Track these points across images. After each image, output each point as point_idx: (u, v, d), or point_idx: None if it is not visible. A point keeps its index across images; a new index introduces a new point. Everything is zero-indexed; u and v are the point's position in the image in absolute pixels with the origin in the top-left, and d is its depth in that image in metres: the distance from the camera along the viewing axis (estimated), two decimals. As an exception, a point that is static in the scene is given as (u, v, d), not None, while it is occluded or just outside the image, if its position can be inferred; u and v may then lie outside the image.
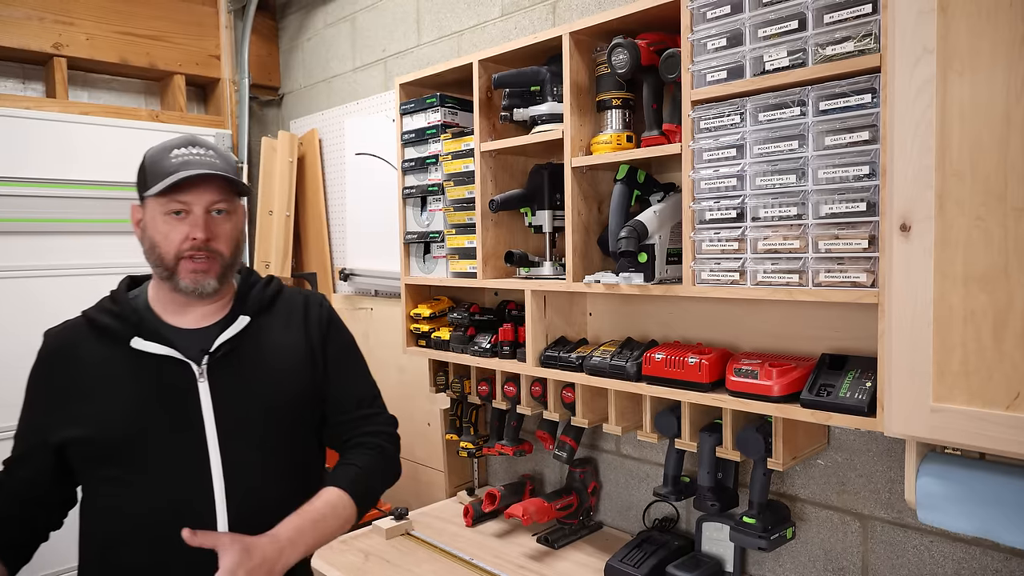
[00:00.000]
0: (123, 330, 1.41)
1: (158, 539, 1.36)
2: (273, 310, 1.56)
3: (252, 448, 1.44)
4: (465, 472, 2.71)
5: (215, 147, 1.44)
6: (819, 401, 1.44)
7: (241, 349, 1.47)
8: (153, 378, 1.40)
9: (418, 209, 2.39)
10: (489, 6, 2.56)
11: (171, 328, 1.46)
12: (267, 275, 1.62)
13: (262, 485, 1.44)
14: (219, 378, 1.43)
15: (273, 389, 1.49)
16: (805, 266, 1.42)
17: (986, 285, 1.07)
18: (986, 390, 1.08)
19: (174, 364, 1.41)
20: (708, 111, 1.54)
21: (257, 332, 1.50)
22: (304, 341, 1.57)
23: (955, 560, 1.57)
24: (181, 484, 1.38)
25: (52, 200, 2.98)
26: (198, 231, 1.38)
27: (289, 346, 1.54)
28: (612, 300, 2.09)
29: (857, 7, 1.32)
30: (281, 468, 1.49)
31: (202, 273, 1.40)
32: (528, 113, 2.00)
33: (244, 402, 1.45)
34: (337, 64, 3.37)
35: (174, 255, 1.39)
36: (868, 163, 1.32)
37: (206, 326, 1.48)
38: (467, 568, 2.05)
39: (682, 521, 2.08)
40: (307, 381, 1.55)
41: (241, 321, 1.48)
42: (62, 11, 3.11)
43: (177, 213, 1.38)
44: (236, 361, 1.46)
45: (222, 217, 1.43)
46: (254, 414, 1.45)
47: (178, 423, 1.40)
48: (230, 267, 1.47)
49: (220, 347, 1.44)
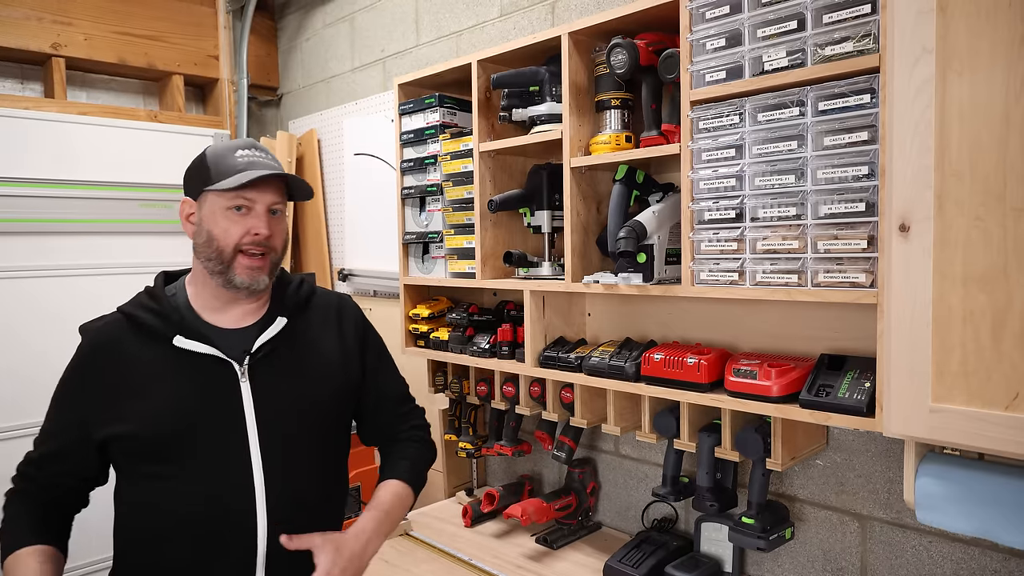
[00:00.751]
0: (165, 328, 1.43)
1: (200, 536, 1.39)
2: (308, 311, 1.59)
3: (290, 446, 1.46)
4: (464, 472, 2.71)
5: (269, 152, 1.50)
6: (818, 401, 1.44)
7: (280, 349, 1.50)
8: (197, 376, 1.42)
9: (417, 209, 2.39)
10: (488, 6, 2.56)
11: (211, 327, 1.48)
12: (298, 275, 1.65)
13: (299, 482, 1.47)
14: (259, 378, 1.46)
15: (311, 389, 1.51)
16: (804, 266, 1.42)
17: (985, 285, 1.07)
18: (985, 390, 1.08)
19: (217, 363, 1.43)
20: (707, 111, 1.54)
21: (293, 332, 1.53)
22: (339, 342, 1.60)
23: (954, 560, 1.57)
24: (224, 481, 1.40)
25: (50, 200, 2.97)
26: (262, 227, 1.42)
27: (325, 347, 1.57)
28: (611, 300, 2.09)
29: (856, 7, 1.32)
30: (316, 465, 1.52)
31: (258, 269, 1.44)
32: (527, 113, 2.00)
33: (283, 401, 1.47)
34: (336, 64, 3.37)
35: (233, 248, 1.41)
36: (867, 163, 1.32)
37: (245, 326, 1.50)
38: (466, 568, 2.05)
39: (681, 521, 2.08)
40: (342, 381, 1.58)
41: (280, 322, 1.50)
42: (60, 11, 3.11)
43: (238, 209, 1.41)
44: (275, 361, 1.49)
45: (278, 217, 1.47)
46: (292, 413, 1.48)
47: (222, 421, 1.42)
48: (278, 265, 1.51)
49: (261, 347, 1.47)
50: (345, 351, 1.60)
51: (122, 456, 1.44)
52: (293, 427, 1.48)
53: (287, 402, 1.48)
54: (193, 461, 1.40)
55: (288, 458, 1.46)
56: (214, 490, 1.40)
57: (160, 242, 3.23)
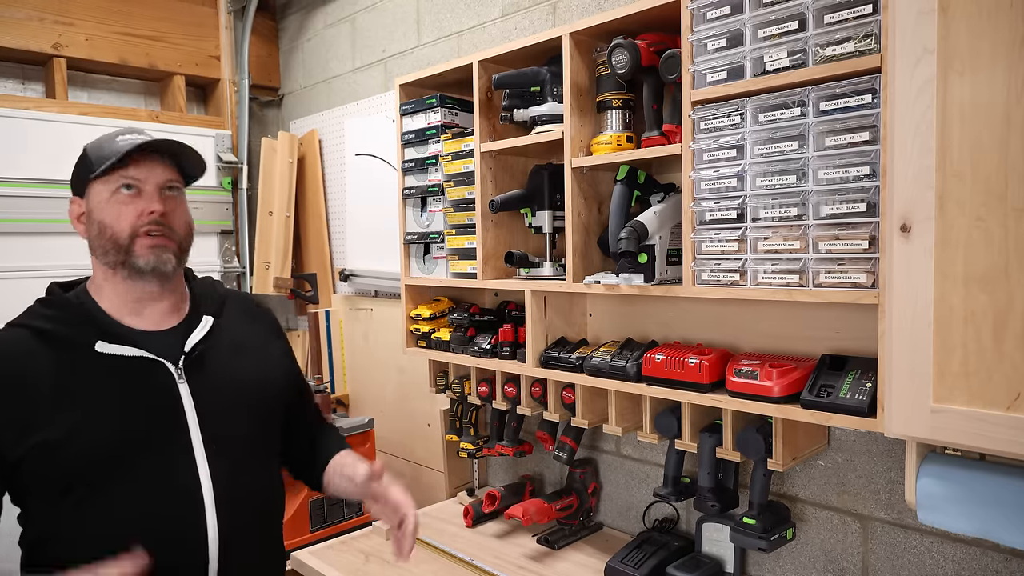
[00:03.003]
0: (82, 336, 1.32)
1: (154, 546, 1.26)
2: (225, 311, 1.52)
3: (236, 449, 1.41)
4: (465, 473, 2.71)
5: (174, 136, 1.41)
6: (819, 402, 1.44)
7: (212, 349, 1.43)
8: (128, 382, 1.33)
9: (418, 210, 2.39)
10: (489, 6, 2.56)
11: (133, 330, 1.38)
12: (204, 276, 1.59)
13: (248, 483, 1.42)
14: (197, 379, 1.39)
15: (249, 388, 1.47)
16: (805, 267, 1.42)
17: (986, 286, 1.07)
18: (986, 391, 1.08)
19: (149, 366, 1.34)
20: (708, 112, 1.54)
21: (220, 332, 1.46)
22: (264, 340, 1.57)
23: (955, 561, 1.57)
24: (169, 491, 1.32)
25: (51, 201, 2.97)
26: (156, 204, 1.33)
27: (253, 345, 1.53)
28: (612, 301, 2.09)
29: (857, 7, 1.32)
30: (263, 466, 1.49)
31: (161, 248, 1.34)
32: (528, 114, 2.00)
33: (223, 402, 1.41)
34: (337, 64, 3.37)
35: (129, 233, 1.32)
36: (868, 163, 1.32)
37: (168, 328, 1.42)
38: (467, 569, 2.05)
39: (682, 522, 2.08)
40: (276, 378, 1.55)
41: (207, 321, 1.44)
42: (62, 12, 3.11)
43: (128, 188, 1.33)
44: (210, 361, 1.42)
45: (175, 197, 1.38)
46: (235, 414, 1.43)
47: (163, 428, 1.33)
48: (184, 251, 1.41)
49: (195, 347, 1.40)
50: (273, 347, 1.58)
51: (40, 479, 1.28)
52: (237, 429, 1.42)
53: (228, 402, 1.42)
54: (132, 473, 1.29)
55: (235, 462, 1.39)
56: (159, 502, 1.31)
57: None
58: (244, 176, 3.59)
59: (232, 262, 3.57)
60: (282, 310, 3.72)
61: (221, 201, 3.53)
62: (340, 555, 2.15)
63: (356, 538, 2.28)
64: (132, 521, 1.30)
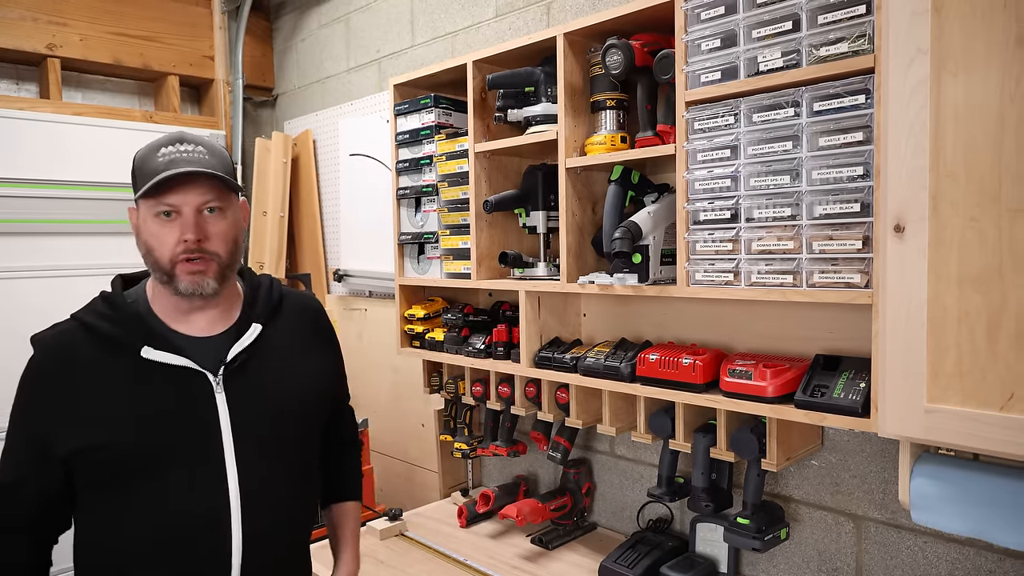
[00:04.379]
0: (130, 339, 1.33)
1: (169, 561, 1.32)
2: (280, 315, 1.51)
3: (269, 459, 1.40)
4: (459, 473, 2.71)
5: (205, 142, 1.37)
6: (813, 402, 1.44)
7: (255, 358, 1.42)
8: (167, 389, 1.33)
9: (412, 210, 2.39)
10: (483, 7, 2.55)
11: (181, 336, 1.38)
12: (263, 274, 1.57)
13: (278, 496, 1.41)
14: (235, 388, 1.38)
15: (289, 398, 1.45)
16: (799, 267, 1.42)
17: (980, 286, 1.07)
18: (980, 391, 1.08)
19: (189, 375, 1.34)
20: (702, 112, 1.54)
21: (269, 338, 1.45)
22: (315, 347, 1.55)
23: (949, 561, 1.57)
24: (198, 499, 1.32)
25: (45, 201, 2.96)
26: (189, 232, 1.31)
27: (301, 353, 1.51)
28: (606, 301, 2.09)
29: (851, 8, 1.32)
30: (294, 475, 1.47)
31: (199, 274, 1.33)
32: (522, 114, 2.00)
33: (261, 413, 1.40)
34: (331, 65, 3.36)
35: (169, 259, 1.32)
36: (862, 164, 1.33)
37: (217, 334, 1.41)
38: (461, 569, 2.04)
39: (676, 522, 2.08)
40: (321, 388, 1.53)
41: (255, 329, 1.43)
42: (55, 12, 3.10)
43: (168, 215, 1.31)
44: (251, 370, 1.41)
45: (215, 216, 1.35)
46: (271, 424, 1.41)
47: (197, 436, 1.34)
48: (229, 267, 1.39)
49: (236, 357, 1.39)
50: (321, 356, 1.56)
51: (86, 475, 1.33)
52: (272, 440, 1.41)
53: (265, 414, 1.41)
54: (164, 479, 1.31)
55: (266, 470, 1.39)
56: (189, 508, 1.32)
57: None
58: (238, 176, 3.57)
59: (226, 262, 3.56)
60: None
61: (215, 201, 3.51)
62: (334, 556, 2.15)
63: (350, 539, 2.27)
64: (154, 531, 1.31)
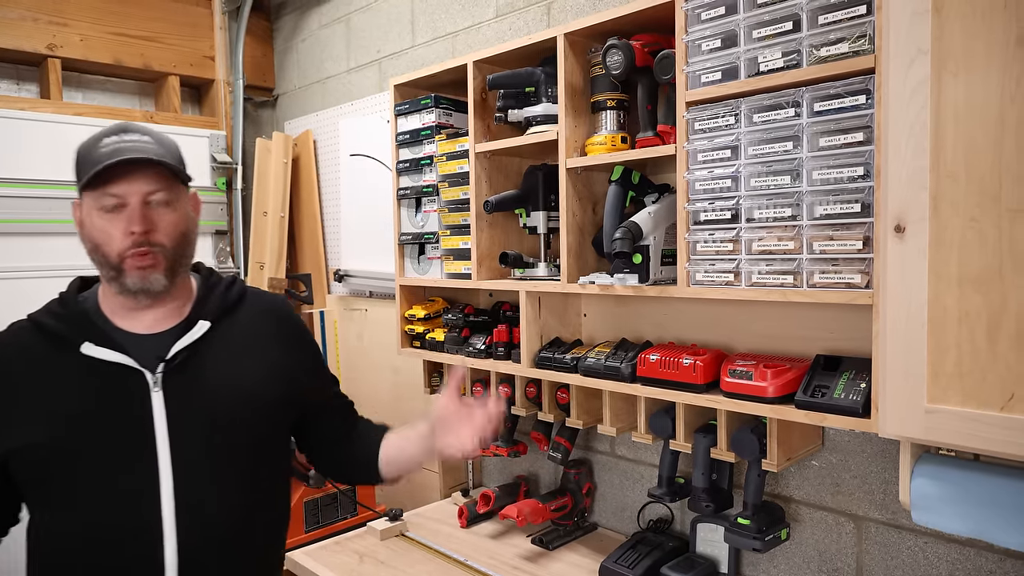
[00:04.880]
0: (72, 334, 1.29)
1: (99, 566, 1.27)
2: (237, 315, 1.44)
3: (212, 466, 1.33)
4: (460, 473, 2.70)
5: (152, 132, 1.32)
6: (814, 402, 1.44)
7: (201, 357, 1.35)
8: (104, 387, 1.29)
9: (413, 210, 2.39)
10: (484, 7, 2.55)
11: (124, 333, 1.33)
12: (230, 275, 1.51)
13: (223, 508, 1.34)
14: (175, 389, 1.31)
15: (234, 402, 1.37)
16: (800, 267, 1.42)
17: (980, 286, 1.07)
18: (980, 391, 1.08)
19: (126, 373, 1.29)
20: (703, 112, 1.54)
21: (219, 339, 1.39)
22: (273, 351, 1.47)
23: (949, 561, 1.57)
24: (125, 503, 1.27)
25: (47, 201, 2.96)
26: (136, 223, 1.25)
27: (255, 355, 1.43)
28: (607, 301, 2.09)
29: (851, 8, 1.32)
30: (245, 487, 1.38)
31: (148, 269, 1.28)
32: (523, 114, 2.00)
33: (200, 416, 1.33)
34: (331, 65, 3.36)
35: (117, 253, 1.27)
36: (863, 164, 1.33)
37: (161, 331, 1.35)
38: (462, 569, 2.04)
39: (676, 522, 2.08)
40: (274, 394, 1.44)
41: (201, 326, 1.36)
42: (56, 12, 3.10)
43: (113, 207, 1.26)
44: (195, 370, 1.34)
45: (163, 207, 1.29)
46: (212, 428, 1.34)
47: (127, 436, 1.28)
48: (178, 262, 1.34)
49: (177, 354, 1.32)
50: (281, 359, 1.47)
51: (21, 474, 1.29)
52: (211, 443, 1.33)
53: (205, 417, 1.33)
54: (92, 480, 1.27)
55: (204, 478, 1.32)
56: (116, 515, 1.27)
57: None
58: (239, 176, 3.58)
59: (227, 263, 3.56)
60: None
61: (216, 201, 3.52)
62: (334, 555, 2.15)
63: (351, 538, 2.27)
64: (84, 530, 1.27)
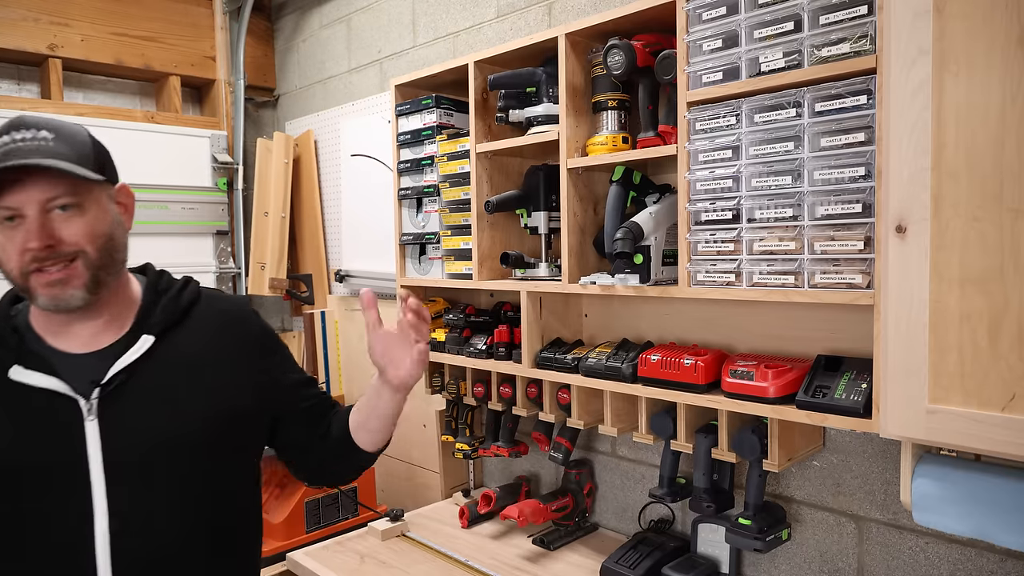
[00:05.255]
0: (2, 356, 1.16)
1: None
2: (187, 323, 1.28)
3: (152, 504, 1.19)
4: (461, 474, 2.70)
5: (52, 125, 1.14)
6: (815, 403, 1.44)
7: (144, 376, 1.19)
8: (33, 418, 1.15)
9: (414, 210, 2.39)
10: (485, 7, 2.55)
11: (57, 353, 1.19)
12: (183, 278, 1.35)
13: (163, 549, 1.19)
14: (114, 416, 1.16)
15: (184, 425, 1.21)
16: (801, 267, 1.42)
17: (982, 286, 1.07)
18: (982, 392, 1.08)
19: (57, 399, 1.14)
20: (704, 112, 1.54)
21: (167, 352, 1.22)
22: (231, 359, 1.31)
23: (950, 562, 1.57)
24: (56, 555, 1.14)
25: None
26: (33, 239, 1.08)
27: (210, 368, 1.27)
28: (608, 301, 2.09)
29: (853, 8, 1.32)
30: (192, 522, 1.23)
31: (59, 285, 1.11)
32: (524, 114, 2.00)
33: (144, 445, 1.18)
34: (332, 65, 3.36)
35: (19, 272, 1.11)
36: (864, 164, 1.33)
37: (100, 349, 1.20)
38: (463, 569, 2.04)
39: (678, 523, 2.08)
40: (234, 408, 1.29)
41: (143, 343, 1.20)
42: (57, 12, 3.10)
43: (11, 220, 1.10)
44: (136, 391, 1.19)
45: (69, 214, 1.12)
46: (157, 460, 1.19)
47: (56, 476, 1.14)
48: (104, 270, 1.16)
49: (115, 377, 1.17)
50: (236, 371, 1.31)
51: None
52: (157, 476, 1.18)
53: (148, 447, 1.18)
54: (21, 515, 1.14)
55: (149, 519, 1.18)
56: (45, 550, 1.14)
57: (158, 243, 3.23)
58: (240, 177, 3.58)
59: (228, 263, 3.56)
60: (278, 311, 3.72)
61: (217, 202, 3.52)
62: (335, 556, 2.15)
63: (351, 539, 2.27)
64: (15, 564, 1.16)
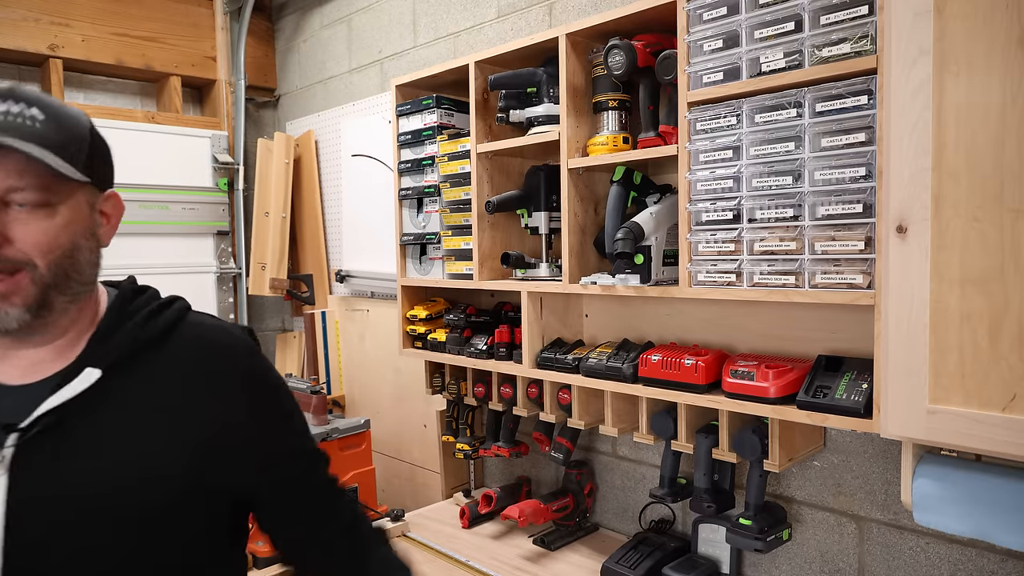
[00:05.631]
0: None
1: None
2: (158, 356, 1.01)
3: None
4: (461, 474, 2.70)
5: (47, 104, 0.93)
6: (815, 403, 1.44)
7: (82, 420, 0.94)
8: None
9: (414, 210, 2.39)
10: (485, 7, 2.56)
11: None
12: (168, 297, 1.08)
13: None
14: (32, 472, 0.91)
15: (124, 490, 0.94)
16: (801, 267, 1.42)
17: (982, 287, 1.07)
18: (982, 392, 1.08)
19: None
20: (704, 113, 1.54)
21: (119, 392, 0.97)
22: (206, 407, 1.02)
23: (951, 562, 1.57)
24: None
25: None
26: None
27: (173, 416, 0.99)
28: (608, 302, 2.09)
29: (853, 9, 1.32)
30: None
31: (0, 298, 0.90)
32: (524, 114, 2.00)
33: (66, 512, 0.92)
34: (333, 65, 3.36)
35: None
36: (864, 164, 1.33)
37: (37, 381, 0.96)
38: (463, 569, 2.04)
39: (678, 523, 2.08)
40: (199, 471, 0.99)
41: (85, 378, 0.94)
42: (58, 12, 3.11)
43: None
44: (69, 440, 0.93)
45: (31, 212, 0.90)
46: (81, 534, 0.93)
47: None
48: (57, 287, 0.93)
49: (39, 420, 0.92)
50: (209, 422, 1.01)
51: None
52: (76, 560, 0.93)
53: (71, 514, 0.92)
54: None
55: None
56: None
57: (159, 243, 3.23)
58: (240, 177, 3.58)
59: (228, 263, 3.56)
60: (278, 311, 3.72)
61: (217, 202, 3.52)
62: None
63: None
64: None
